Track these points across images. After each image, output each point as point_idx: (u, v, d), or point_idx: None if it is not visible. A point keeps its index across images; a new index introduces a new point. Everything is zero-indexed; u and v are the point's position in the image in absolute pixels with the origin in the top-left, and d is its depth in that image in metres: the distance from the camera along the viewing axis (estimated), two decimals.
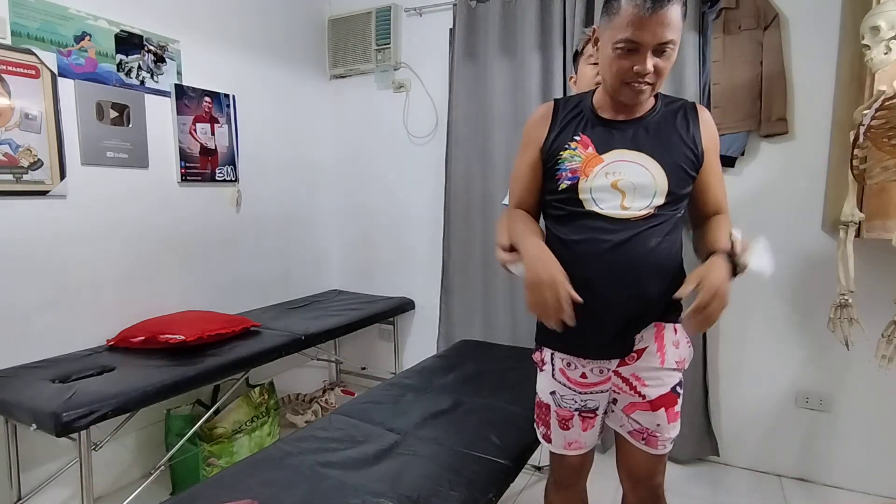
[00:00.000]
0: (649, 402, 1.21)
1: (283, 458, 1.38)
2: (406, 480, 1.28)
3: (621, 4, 1.02)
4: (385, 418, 1.62)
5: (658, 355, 1.19)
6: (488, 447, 1.46)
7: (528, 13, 2.41)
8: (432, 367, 2.09)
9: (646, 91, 1.09)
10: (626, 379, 1.22)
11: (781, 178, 2.15)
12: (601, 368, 1.23)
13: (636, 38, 1.01)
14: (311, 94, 3.06)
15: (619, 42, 1.03)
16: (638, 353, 1.20)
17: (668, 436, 1.24)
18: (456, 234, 2.69)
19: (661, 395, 1.20)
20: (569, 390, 1.26)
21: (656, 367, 1.20)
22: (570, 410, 1.28)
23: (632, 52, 1.04)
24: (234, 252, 2.63)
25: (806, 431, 2.20)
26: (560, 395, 1.28)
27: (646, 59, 1.03)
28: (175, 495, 1.24)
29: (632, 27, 1.01)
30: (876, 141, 1.42)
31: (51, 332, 1.92)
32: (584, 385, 1.25)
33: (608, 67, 1.09)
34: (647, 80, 1.06)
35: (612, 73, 1.08)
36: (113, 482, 2.13)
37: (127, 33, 2.13)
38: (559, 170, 1.16)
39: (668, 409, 1.22)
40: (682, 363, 1.24)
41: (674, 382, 1.22)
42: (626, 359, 1.20)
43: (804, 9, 2.06)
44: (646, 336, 1.19)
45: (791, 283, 2.17)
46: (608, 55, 1.07)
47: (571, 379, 1.25)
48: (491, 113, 2.55)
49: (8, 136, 1.78)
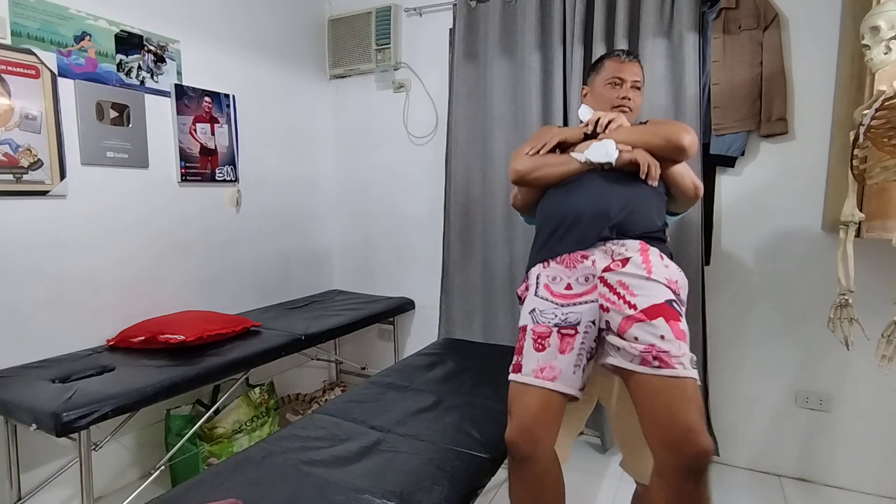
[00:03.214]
0: (643, 312, 1.16)
1: (266, 458, 1.38)
2: (389, 476, 1.29)
3: (605, 61, 1.61)
4: (367, 416, 1.64)
5: (643, 266, 1.24)
6: (469, 442, 1.48)
7: (528, 13, 2.41)
8: (413, 365, 2.10)
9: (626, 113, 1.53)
10: (612, 287, 1.24)
11: (781, 178, 2.16)
12: (587, 276, 1.29)
13: (620, 74, 1.55)
14: (311, 94, 3.06)
15: (609, 80, 1.57)
16: (623, 261, 1.27)
17: (680, 352, 1.11)
18: (456, 234, 2.69)
19: (655, 304, 1.17)
20: (549, 304, 1.30)
21: (643, 276, 1.23)
22: (548, 326, 1.26)
23: (616, 86, 1.56)
24: (234, 252, 2.63)
25: (806, 431, 2.20)
26: (539, 311, 1.30)
27: (626, 89, 1.55)
28: (159, 497, 1.24)
29: (616, 70, 1.56)
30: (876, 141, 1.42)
31: (51, 332, 1.93)
32: (567, 297, 1.29)
33: (601, 99, 1.58)
34: (628, 105, 1.54)
35: (605, 101, 1.57)
36: (113, 482, 2.13)
37: (127, 33, 2.13)
38: None
39: (668, 320, 1.14)
40: (674, 284, 1.25)
41: (666, 296, 1.20)
42: (612, 265, 1.27)
43: (804, 9, 2.06)
44: (630, 249, 1.29)
45: (791, 283, 2.17)
46: (601, 92, 1.58)
47: (555, 292, 1.31)
48: (491, 113, 2.55)
49: (8, 136, 1.78)
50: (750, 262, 2.24)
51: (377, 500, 1.19)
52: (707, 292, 2.22)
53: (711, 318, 2.27)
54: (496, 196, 2.55)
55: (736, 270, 2.27)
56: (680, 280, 1.28)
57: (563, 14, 2.36)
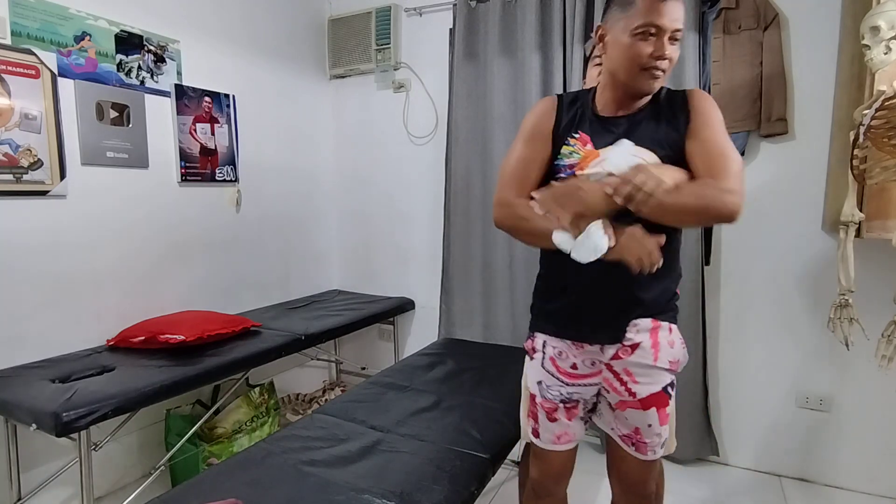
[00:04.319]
0: (640, 401, 1.20)
1: (266, 458, 1.39)
2: (389, 476, 1.30)
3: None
4: (367, 416, 1.64)
5: (652, 352, 1.19)
6: (469, 442, 1.48)
7: (528, 13, 2.41)
8: (413, 365, 2.10)
9: (659, 79, 1.12)
10: (617, 374, 1.21)
11: (781, 178, 2.15)
12: (593, 360, 1.23)
13: (657, 21, 1.06)
14: (311, 94, 3.06)
15: (639, 28, 1.07)
16: (632, 347, 1.19)
17: (658, 440, 1.24)
18: (456, 234, 2.69)
19: (652, 393, 1.20)
20: (555, 380, 1.26)
21: (649, 364, 1.20)
22: (553, 402, 1.28)
23: (651, 37, 1.07)
24: (234, 252, 2.63)
25: (806, 431, 2.20)
26: (546, 385, 1.28)
27: (664, 43, 1.08)
28: (159, 497, 1.24)
29: (652, 12, 1.06)
30: (876, 141, 1.42)
31: (51, 332, 1.92)
32: (572, 376, 1.25)
33: (623, 55, 1.10)
34: (662, 67, 1.10)
35: (628, 59, 1.10)
36: (113, 482, 2.13)
37: (127, 33, 2.13)
38: (558, 165, 1.20)
39: (659, 409, 1.21)
40: (676, 364, 1.23)
41: (665, 382, 1.22)
42: (620, 352, 1.20)
43: (804, 9, 2.06)
44: (641, 331, 1.19)
45: (791, 283, 2.17)
46: (624, 44, 1.09)
47: (561, 369, 1.25)
48: (491, 113, 2.54)
49: (8, 136, 1.78)
50: (750, 262, 2.24)
51: (377, 500, 1.19)
52: (707, 292, 2.22)
53: (711, 317, 2.27)
54: None
55: (736, 270, 2.27)
56: (682, 358, 1.25)
57: (563, 14, 2.36)
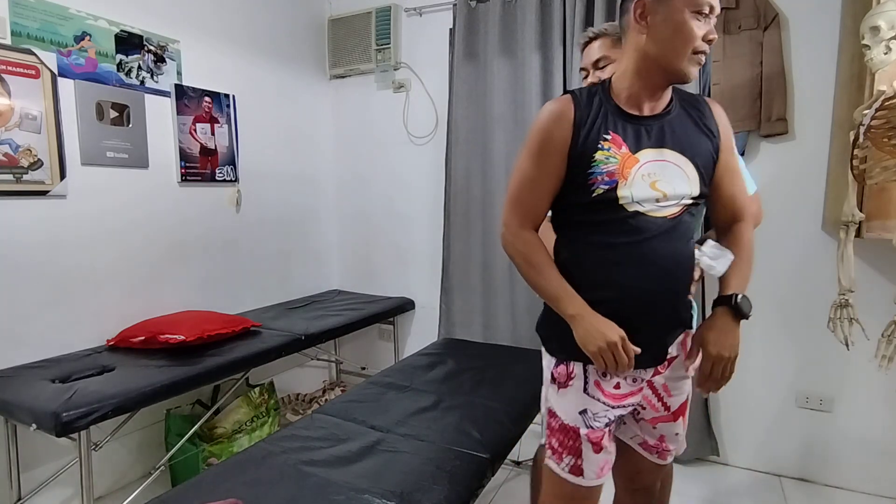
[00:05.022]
0: (672, 413, 1.20)
1: (266, 458, 1.38)
2: (389, 476, 1.30)
3: None
4: (367, 416, 1.64)
5: (683, 364, 1.18)
6: (469, 442, 1.48)
7: (528, 13, 2.41)
8: (413, 365, 2.10)
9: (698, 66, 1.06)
10: (656, 390, 1.17)
11: (781, 178, 2.15)
12: (635, 378, 1.12)
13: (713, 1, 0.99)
14: (311, 93, 3.06)
15: (700, 5, 0.98)
16: (669, 361, 1.15)
17: (679, 445, 1.25)
18: (456, 234, 2.69)
19: (682, 403, 1.22)
20: (602, 406, 1.11)
21: (682, 375, 1.19)
22: (601, 430, 1.12)
23: (705, 17, 1.00)
24: (234, 252, 2.63)
25: (806, 431, 2.20)
26: (592, 413, 1.11)
27: (712, 24, 1.01)
28: (159, 497, 1.24)
29: None
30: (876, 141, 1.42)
31: (51, 332, 1.92)
32: (616, 397, 1.12)
33: (677, 35, 1.00)
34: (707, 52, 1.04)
35: (682, 40, 1.00)
36: (113, 482, 2.13)
37: (127, 33, 2.13)
38: (593, 174, 1.04)
39: (684, 415, 1.23)
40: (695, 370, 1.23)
41: (689, 389, 1.23)
42: (660, 367, 1.13)
43: (804, 9, 2.06)
44: (676, 341, 1.14)
45: (791, 284, 2.17)
46: (678, 21, 0.99)
47: (606, 392, 1.11)
48: (491, 113, 2.55)
49: (8, 136, 1.78)
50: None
51: (377, 500, 1.19)
52: (707, 292, 2.21)
53: None
54: (496, 196, 2.55)
55: None
56: None
57: (563, 14, 2.36)
